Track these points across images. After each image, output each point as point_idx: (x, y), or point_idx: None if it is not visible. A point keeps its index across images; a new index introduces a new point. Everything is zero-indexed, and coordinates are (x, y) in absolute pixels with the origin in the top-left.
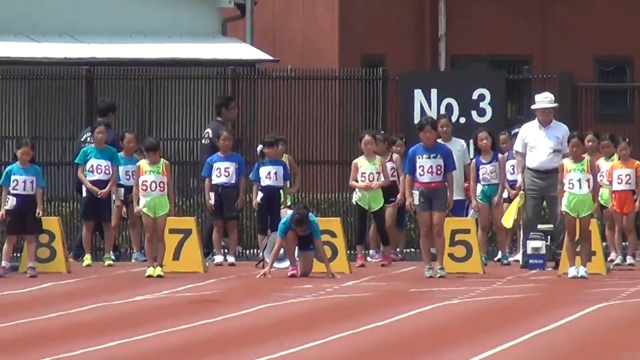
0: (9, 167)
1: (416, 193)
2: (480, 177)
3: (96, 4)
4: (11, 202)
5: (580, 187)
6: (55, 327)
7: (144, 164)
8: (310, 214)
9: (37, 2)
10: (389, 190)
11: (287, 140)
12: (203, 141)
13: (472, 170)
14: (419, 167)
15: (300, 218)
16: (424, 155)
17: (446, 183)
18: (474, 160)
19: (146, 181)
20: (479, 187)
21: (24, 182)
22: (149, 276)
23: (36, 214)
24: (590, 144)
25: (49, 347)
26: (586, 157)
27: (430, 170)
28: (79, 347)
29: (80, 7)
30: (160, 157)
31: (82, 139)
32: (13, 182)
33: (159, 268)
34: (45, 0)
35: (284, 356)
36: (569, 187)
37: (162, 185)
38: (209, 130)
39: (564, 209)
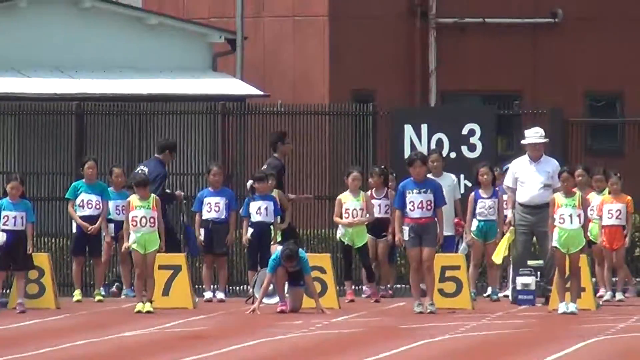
0: None
1: (406, 229)
2: (478, 211)
3: (86, 39)
4: (1, 237)
5: (571, 222)
6: None
7: (134, 199)
8: (300, 249)
9: (28, 37)
10: (381, 226)
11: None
12: None
13: (470, 203)
14: (409, 203)
15: (290, 254)
16: (414, 190)
17: (436, 218)
18: (472, 193)
19: (136, 217)
20: (475, 223)
21: (14, 217)
22: (139, 312)
23: (27, 250)
24: (580, 178)
25: None
26: (577, 192)
27: (420, 205)
28: None
29: (71, 42)
30: (150, 193)
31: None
32: (3, 217)
33: (148, 304)
34: (36, 36)
35: None
36: (559, 222)
37: (152, 220)
38: (264, 167)
39: (554, 244)
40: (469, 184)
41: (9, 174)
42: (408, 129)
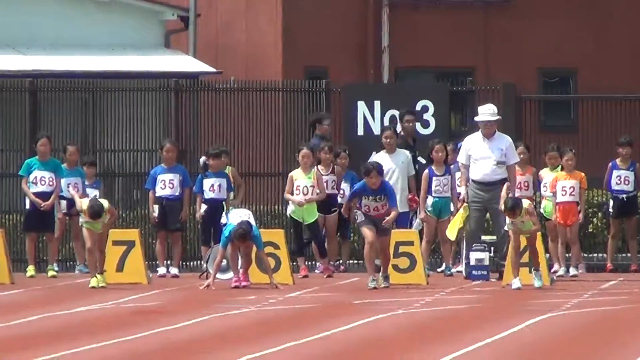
0: None
1: (359, 212)
2: (433, 189)
3: (39, 16)
4: None
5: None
6: None
7: (84, 203)
8: (253, 226)
9: None
10: (329, 201)
11: (231, 152)
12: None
13: (425, 181)
14: (364, 206)
15: (243, 233)
16: (370, 197)
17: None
18: (426, 171)
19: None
20: (430, 199)
21: None
22: (93, 287)
23: None
24: (522, 156)
25: None
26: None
27: (375, 209)
28: (21, 359)
29: (23, 19)
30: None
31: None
32: None
33: (101, 277)
34: None
35: None
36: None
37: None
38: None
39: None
40: (423, 160)
41: None
42: (361, 106)
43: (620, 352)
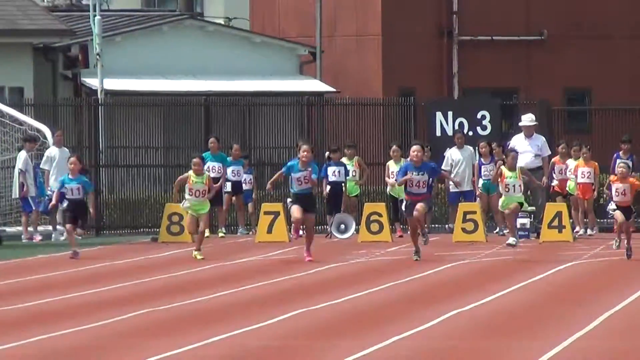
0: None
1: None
2: (482, 173)
3: (210, 52)
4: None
5: (514, 191)
6: (185, 282)
7: (192, 175)
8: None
9: (168, 51)
10: None
11: (343, 149)
12: None
13: (476, 169)
14: (409, 181)
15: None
16: (413, 172)
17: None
18: (477, 162)
19: (192, 189)
20: (481, 181)
21: (71, 189)
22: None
23: (86, 213)
24: (564, 150)
25: (179, 296)
26: (518, 167)
27: (417, 184)
28: (201, 295)
29: (199, 55)
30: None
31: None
32: (65, 189)
33: (198, 252)
34: (174, 50)
35: (340, 303)
36: (505, 191)
37: (204, 192)
38: None
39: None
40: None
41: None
42: (438, 115)
43: (629, 285)
